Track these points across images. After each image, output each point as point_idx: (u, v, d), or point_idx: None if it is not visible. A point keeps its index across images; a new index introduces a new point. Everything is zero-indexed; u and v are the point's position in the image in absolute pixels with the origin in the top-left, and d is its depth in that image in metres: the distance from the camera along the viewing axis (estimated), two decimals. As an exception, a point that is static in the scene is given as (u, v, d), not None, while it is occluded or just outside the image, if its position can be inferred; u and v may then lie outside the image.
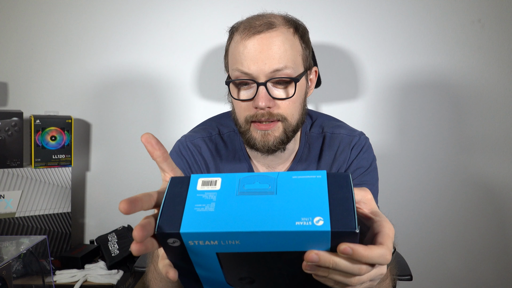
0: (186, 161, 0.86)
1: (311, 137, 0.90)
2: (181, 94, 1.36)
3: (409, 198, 1.37)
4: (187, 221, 0.39)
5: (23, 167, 1.22)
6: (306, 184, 0.41)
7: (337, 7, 1.31)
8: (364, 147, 0.87)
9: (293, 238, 0.38)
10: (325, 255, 0.38)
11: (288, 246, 0.39)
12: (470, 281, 1.39)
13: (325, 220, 0.37)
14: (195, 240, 0.39)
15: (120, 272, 1.16)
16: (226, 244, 0.39)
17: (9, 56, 1.33)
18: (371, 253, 0.38)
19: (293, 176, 0.42)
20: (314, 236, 0.37)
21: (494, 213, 1.36)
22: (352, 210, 0.38)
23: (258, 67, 0.73)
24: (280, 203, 0.39)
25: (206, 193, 0.41)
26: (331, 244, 0.38)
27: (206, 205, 0.40)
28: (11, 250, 0.86)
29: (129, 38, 1.34)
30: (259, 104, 0.74)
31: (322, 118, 0.94)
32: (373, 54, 1.32)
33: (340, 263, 0.38)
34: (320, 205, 0.39)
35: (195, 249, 0.40)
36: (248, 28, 0.75)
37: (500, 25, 1.29)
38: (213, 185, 0.42)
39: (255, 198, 0.40)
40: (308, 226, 0.37)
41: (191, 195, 0.41)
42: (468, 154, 1.34)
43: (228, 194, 0.41)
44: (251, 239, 0.38)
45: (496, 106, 1.32)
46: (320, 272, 0.40)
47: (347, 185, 0.40)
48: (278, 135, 0.77)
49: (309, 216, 0.38)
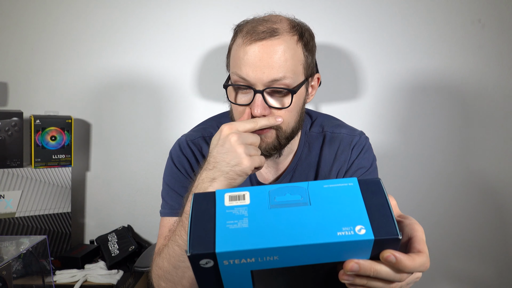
0: (187, 160, 0.86)
1: (311, 137, 0.89)
2: (181, 94, 1.36)
3: (409, 198, 1.37)
4: (221, 239, 0.37)
5: (23, 167, 1.22)
6: (339, 193, 0.40)
7: (337, 7, 1.31)
8: (364, 147, 0.87)
9: (335, 249, 0.37)
10: (365, 264, 0.38)
11: (328, 257, 0.38)
12: (470, 281, 1.39)
13: (367, 228, 0.37)
14: (231, 259, 0.37)
15: (120, 272, 1.16)
16: (264, 261, 0.37)
17: (9, 56, 1.33)
18: (414, 263, 0.38)
19: (324, 185, 0.41)
20: (357, 245, 0.36)
21: (495, 214, 1.36)
22: (391, 216, 0.38)
23: (256, 75, 0.73)
24: (317, 213, 0.38)
25: (236, 208, 0.39)
26: (372, 253, 0.38)
27: (238, 221, 0.38)
28: (11, 250, 0.86)
29: (129, 38, 1.34)
30: (254, 111, 0.74)
31: (322, 118, 0.94)
32: (373, 54, 1.32)
33: (381, 271, 0.38)
34: (359, 213, 0.38)
35: (229, 269, 0.38)
36: (251, 33, 0.74)
37: (500, 25, 1.29)
38: (242, 200, 0.40)
39: (290, 211, 0.38)
40: (351, 235, 0.36)
41: (220, 212, 0.39)
42: (468, 154, 1.34)
43: (260, 208, 0.39)
44: (291, 253, 0.37)
45: (496, 106, 1.32)
46: (358, 281, 0.39)
47: (380, 191, 0.40)
48: (270, 141, 0.77)
49: (350, 226, 0.37)
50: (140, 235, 1.42)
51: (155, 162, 1.37)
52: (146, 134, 1.37)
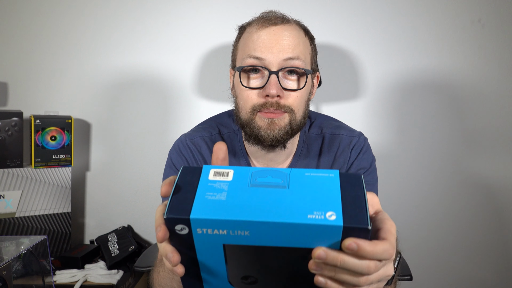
0: (185, 160, 0.87)
1: (310, 138, 0.90)
2: (182, 94, 1.36)
3: (409, 198, 1.37)
4: (197, 208, 0.38)
5: (23, 167, 1.22)
6: (318, 181, 0.41)
7: (337, 7, 1.31)
8: (363, 147, 0.87)
9: (304, 231, 0.37)
10: (332, 253, 0.38)
11: (297, 241, 0.38)
12: (470, 281, 1.39)
13: (338, 215, 0.37)
14: (204, 228, 0.38)
15: (120, 272, 1.16)
16: (235, 235, 0.38)
17: (9, 56, 1.33)
18: (376, 248, 0.38)
19: (306, 173, 0.42)
20: (325, 230, 0.37)
21: (494, 213, 1.36)
22: (365, 208, 0.38)
23: (272, 53, 0.75)
24: (292, 196, 0.39)
25: (217, 182, 0.41)
26: (341, 241, 0.38)
27: (217, 194, 0.40)
28: (11, 250, 0.86)
29: (129, 38, 1.34)
30: (270, 91, 0.74)
31: (321, 119, 0.95)
32: (373, 54, 1.32)
33: (348, 261, 0.38)
34: (333, 201, 0.39)
35: (202, 239, 0.39)
36: (264, 20, 0.78)
37: (500, 25, 1.29)
38: (225, 176, 0.42)
39: (267, 191, 0.40)
40: (320, 220, 0.37)
41: (203, 184, 0.41)
42: (468, 154, 1.34)
43: (240, 185, 0.41)
44: (261, 230, 0.38)
45: (496, 106, 1.32)
46: (326, 271, 0.39)
47: (359, 184, 0.41)
48: (283, 125, 0.77)
49: (322, 211, 0.38)
50: (140, 235, 1.42)
51: (155, 162, 1.37)
52: (146, 134, 1.37)
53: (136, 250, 1.22)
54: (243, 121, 0.81)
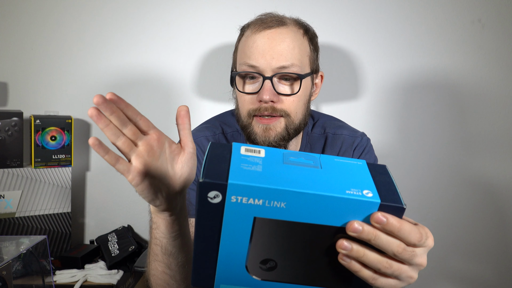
0: None
1: (313, 138, 0.90)
2: (182, 94, 1.36)
3: (409, 198, 1.37)
4: (235, 175, 0.37)
5: (23, 167, 1.22)
6: (349, 166, 0.42)
7: (337, 7, 1.31)
8: (366, 148, 0.87)
9: (341, 206, 0.37)
10: (368, 227, 0.38)
11: (332, 217, 0.38)
12: (470, 281, 1.39)
13: (374, 193, 0.38)
14: (240, 195, 0.37)
15: (120, 272, 1.16)
16: (270, 207, 0.38)
17: (9, 56, 1.33)
18: (403, 226, 0.38)
19: (335, 159, 0.43)
20: (362, 206, 0.37)
21: (495, 213, 1.36)
22: (397, 191, 0.40)
23: (266, 61, 0.75)
24: (327, 175, 0.40)
25: (251, 157, 0.41)
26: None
27: (253, 165, 0.39)
28: (11, 250, 0.86)
29: (130, 38, 1.34)
30: (263, 97, 0.74)
31: (324, 119, 0.94)
32: (374, 54, 1.32)
33: (381, 236, 0.39)
34: (367, 182, 0.40)
35: (234, 209, 0.38)
36: (259, 23, 0.77)
37: (500, 25, 1.29)
38: (257, 153, 0.42)
39: (302, 169, 0.40)
40: (359, 195, 0.37)
41: (236, 157, 0.40)
42: (469, 154, 1.34)
43: (274, 161, 0.40)
44: (298, 202, 0.37)
45: (496, 106, 1.32)
46: (355, 251, 0.39)
47: (386, 173, 0.42)
48: (279, 130, 0.78)
49: (359, 188, 0.38)
50: (140, 235, 1.42)
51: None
52: (146, 134, 1.37)
53: (136, 250, 1.22)
54: (242, 124, 0.82)
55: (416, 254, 0.41)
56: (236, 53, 0.84)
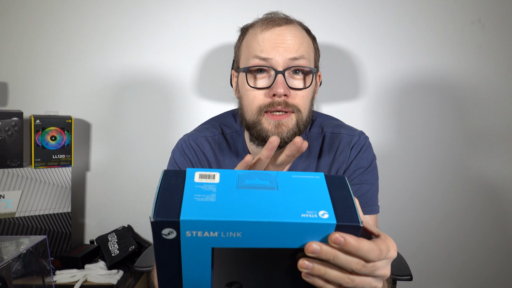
0: (189, 160, 0.87)
1: (311, 137, 0.90)
2: (182, 94, 1.36)
3: (409, 198, 1.37)
4: (187, 209, 0.37)
5: (23, 167, 1.22)
6: (306, 183, 0.41)
7: (337, 7, 1.31)
8: (363, 146, 0.87)
9: (297, 230, 0.37)
10: (326, 247, 0.38)
11: (289, 241, 0.38)
12: (470, 281, 1.39)
13: (330, 214, 0.38)
14: (194, 230, 0.37)
15: (120, 272, 1.16)
16: (226, 237, 0.37)
17: (9, 56, 1.33)
18: (361, 244, 0.39)
19: (293, 175, 0.42)
20: (318, 228, 0.37)
21: (495, 213, 1.36)
22: (354, 207, 0.39)
23: (278, 52, 0.76)
24: (283, 197, 0.39)
25: (205, 184, 0.40)
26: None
27: (206, 195, 0.39)
28: (11, 250, 0.86)
29: (130, 38, 1.34)
30: (278, 90, 0.74)
31: (321, 118, 0.95)
32: (373, 54, 1.32)
33: (340, 256, 0.39)
34: (323, 200, 0.39)
35: (191, 243, 0.38)
36: (268, 21, 0.79)
37: (500, 25, 1.29)
38: (212, 179, 0.41)
39: (257, 192, 0.40)
40: (314, 218, 0.37)
41: (189, 186, 0.39)
42: (468, 154, 1.34)
43: (229, 187, 0.40)
44: (254, 231, 0.37)
45: (496, 106, 1.32)
46: (316, 270, 0.40)
47: (345, 185, 0.41)
48: (291, 126, 0.78)
49: (314, 210, 0.38)
50: (140, 235, 1.42)
51: (155, 162, 1.37)
52: (146, 134, 1.37)
53: (136, 250, 1.22)
54: (249, 122, 0.80)
55: (378, 267, 0.41)
56: (240, 52, 0.83)
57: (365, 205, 0.83)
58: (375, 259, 0.40)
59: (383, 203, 0.93)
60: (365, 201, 0.83)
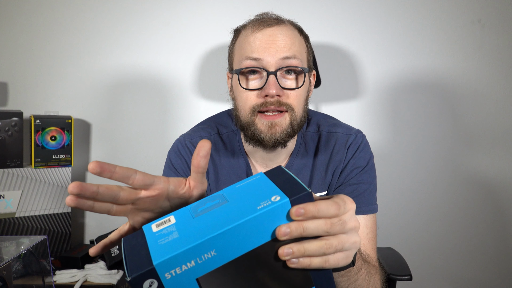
0: (185, 161, 0.86)
1: (307, 136, 0.89)
2: (181, 94, 1.36)
3: (407, 197, 1.37)
4: (156, 254, 0.38)
5: (23, 167, 1.22)
6: (251, 185, 0.44)
7: (337, 7, 1.31)
8: (360, 146, 0.86)
9: (261, 223, 0.39)
10: (293, 223, 0.40)
11: (260, 236, 0.40)
12: (470, 281, 1.39)
13: (281, 195, 0.40)
14: (172, 269, 0.38)
15: (120, 272, 1.16)
16: (204, 261, 0.39)
17: (9, 56, 1.33)
18: (318, 206, 0.40)
19: (237, 185, 0.45)
20: (277, 212, 0.39)
21: (493, 212, 1.36)
22: (298, 181, 0.42)
23: (270, 53, 0.76)
24: (236, 204, 0.41)
25: (164, 229, 0.42)
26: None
27: (169, 235, 0.40)
28: (11, 250, 0.86)
29: (130, 38, 1.34)
30: (270, 91, 0.75)
31: (318, 117, 0.94)
32: (373, 54, 1.32)
33: (308, 225, 0.40)
34: (271, 189, 0.42)
35: (174, 283, 0.39)
36: (259, 23, 0.79)
37: (500, 25, 1.29)
38: (168, 222, 0.42)
39: (212, 212, 0.41)
40: (269, 205, 0.39)
41: (151, 238, 0.41)
42: (467, 154, 1.34)
43: (186, 220, 0.41)
44: (225, 242, 0.39)
45: (496, 105, 1.32)
46: (296, 251, 0.41)
47: (283, 171, 0.44)
48: (285, 126, 0.78)
49: (267, 199, 0.40)
50: (140, 235, 1.42)
51: (154, 161, 1.37)
52: (146, 134, 1.37)
53: (136, 250, 1.21)
54: (243, 123, 0.80)
55: (345, 221, 0.42)
56: (233, 53, 0.83)
57: (363, 204, 0.83)
58: (337, 212, 0.41)
59: (381, 202, 0.93)
60: (363, 200, 0.83)
